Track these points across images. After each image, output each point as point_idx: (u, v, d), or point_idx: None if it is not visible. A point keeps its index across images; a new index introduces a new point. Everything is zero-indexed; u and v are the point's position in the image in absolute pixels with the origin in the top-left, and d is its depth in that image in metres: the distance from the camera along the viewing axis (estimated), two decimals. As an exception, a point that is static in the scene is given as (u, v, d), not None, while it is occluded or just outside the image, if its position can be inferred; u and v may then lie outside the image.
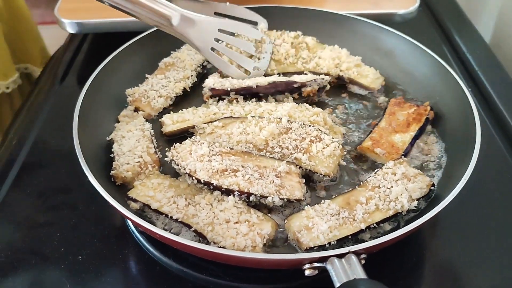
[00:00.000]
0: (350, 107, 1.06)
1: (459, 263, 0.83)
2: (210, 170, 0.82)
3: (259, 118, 0.92)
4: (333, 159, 0.86)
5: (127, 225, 0.89)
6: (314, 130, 0.89)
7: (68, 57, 1.32)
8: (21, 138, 1.07)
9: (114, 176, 0.86)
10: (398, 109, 0.98)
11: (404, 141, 0.91)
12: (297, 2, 1.26)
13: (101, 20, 1.23)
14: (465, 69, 1.27)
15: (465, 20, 1.46)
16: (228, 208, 0.78)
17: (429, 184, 0.82)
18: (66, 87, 1.23)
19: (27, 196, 0.95)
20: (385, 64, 1.14)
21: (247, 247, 0.73)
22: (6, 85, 1.39)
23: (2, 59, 1.37)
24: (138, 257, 0.84)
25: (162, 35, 1.12)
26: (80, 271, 0.81)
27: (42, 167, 1.01)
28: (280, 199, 0.79)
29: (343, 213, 0.78)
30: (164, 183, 0.84)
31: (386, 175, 0.83)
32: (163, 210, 0.79)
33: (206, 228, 0.76)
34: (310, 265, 0.67)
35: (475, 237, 0.86)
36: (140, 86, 1.07)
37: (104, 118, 0.99)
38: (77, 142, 0.84)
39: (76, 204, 0.92)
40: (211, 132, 0.92)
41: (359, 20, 1.19)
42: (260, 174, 0.82)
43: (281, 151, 0.87)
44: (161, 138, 0.99)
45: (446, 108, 0.98)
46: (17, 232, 0.88)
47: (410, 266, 0.83)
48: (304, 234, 0.76)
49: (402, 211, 0.78)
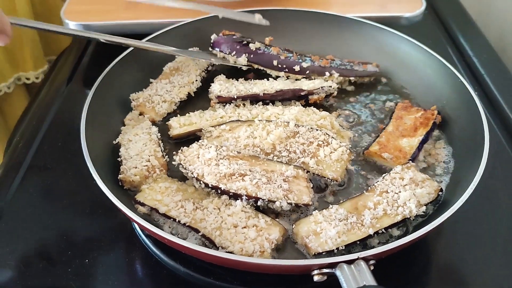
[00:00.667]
0: (357, 110, 1.06)
1: (466, 268, 0.83)
2: (218, 174, 0.81)
3: (266, 121, 0.92)
4: (340, 163, 0.86)
5: (133, 228, 0.88)
6: (322, 134, 0.89)
7: (74, 59, 1.32)
8: (27, 140, 1.07)
9: (122, 180, 0.86)
10: (405, 113, 0.98)
11: (412, 145, 0.91)
12: (303, 5, 1.26)
13: (107, 22, 1.23)
14: (470, 72, 1.26)
15: (471, 23, 1.46)
16: (236, 213, 0.78)
17: (437, 189, 0.82)
18: (72, 89, 1.23)
19: (33, 199, 0.94)
20: (391, 67, 1.14)
21: (256, 252, 0.73)
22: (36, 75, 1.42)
23: (34, 50, 1.38)
24: (145, 260, 0.84)
25: (168, 39, 1.13)
26: (87, 274, 0.81)
27: (48, 169, 1.01)
28: (288, 204, 0.79)
29: (351, 218, 0.78)
30: (172, 187, 0.84)
31: (394, 180, 0.83)
32: (171, 214, 0.79)
33: (214, 233, 0.76)
34: (319, 271, 0.67)
35: (483, 242, 0.86)
36: (145, 91, 1.07)
37: (110, 121, 0.99)
38: (84, 145, 0.84)
39: (82, 207, 0.92)
40: (218, 136, 0.92)
41: (364, 23, 1.18)
42: (267, 178, 0.82)
43: (288, 155, 0.87)
44: (168, 142, 0.99)
45: (454, 112, 0.98)
46: (24, 235, 0.88)
47: (417, 271, 0.83)
48: (312, 239, 0.75)
49: (410, 217, 0.78)
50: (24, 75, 1.40)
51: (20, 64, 1.38)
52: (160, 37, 1.12)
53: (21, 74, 1.39)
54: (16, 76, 1.39)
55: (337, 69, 1.11)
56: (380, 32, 1.17)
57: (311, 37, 1.21)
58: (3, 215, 0.91)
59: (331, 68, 1.11)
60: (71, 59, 1.33)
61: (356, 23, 1.19)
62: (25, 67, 1.38)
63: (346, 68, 1.11)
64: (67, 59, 1.33)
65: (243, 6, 1.21)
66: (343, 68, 1.11)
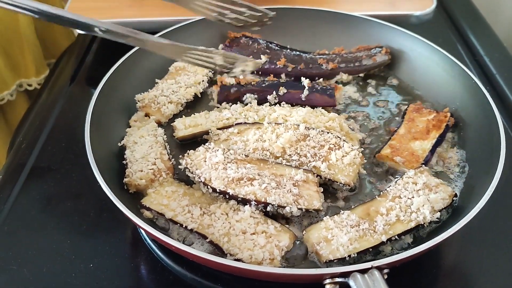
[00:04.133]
0: (366, 112, 1.03)
1: (479, 275, 0.81)
2: (226, 178, 0.79)
3: (275, 124, 0.89)
4: (353, 167, 0.84)
5: (139, 232, 0.87)
6: (333, 137, 0.87)
7: (77, 58, 1.30)
8: (30, 141, 1.05)
9: (128, 184, 0.85)
10: (417, 115, 0.95)
11: (424, 149, 0.89)
12: (311, 4, 1.23)
13: (111, 20, 1.20)
14: (482, 71, 1.24)
15: (482, 21, 1.43)
16: (245, 219, 0.76)
17: (451, 194, 0.80)
18: (75, 88, 1.21)
19: (36, 202, 0.93)
20: (401, 67, 1.12)
21: (265, 260, 0.71)
22: (38, 82, 1.39)
23: (35, 56, 1.36)
24: (150, 265, 0.82)
25: (173, 38, 1.10)
26: (91, 279, 0.80)
27: (52, 171, 0.99)
28: (298, 209, 0.77)
29: (363, 224, 0.76)
30: (179, 191, 0.82)
31: (407, 184, 0.81)
32: (178, 219, 0.77)
33: (222, 239, 0.74)
34: (331, 280, 0.65)
35: (498, 248, 0.84)
36: (150, 92, 1.04)
37: (115, 123, 0.97)
38: (89, 149, 0.81)
39: (86, 210, 0.90)
40: (226, 139, 0.90)
41: (373, 21, 1.16)
42: (277, 183, 0.80)
43: (299, 159, 0.85)
44: (173, 144, 0.97)
45: (467, 114, 0.96)
46: (26, 238, 0.86)
47: (429, 278, 0.81)
48: (323, 246, 0.73)
49: (424, 223, 0.76)
50: (26, 82, 1.37)
51: (21, 70, 1.35)
52: (165, 36, 1.10)
53: (23, 80, 1.37)
54: (18, 83, 1.36)
55: (346, 69, 1.09)
56: (389, 30, 1.14)
57: (319, 36, 1.19)
58: (6, 218, 0.89)
59: (340, 69, 1.09)
60: (74, 57, 1.31)
61: (365, 21, 1.17)
62: (27, 73, 1.36)
63: (355, 65, 1.09)
64: (70, 58, 1.32)
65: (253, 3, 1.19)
66: (352, 67, 1.09)
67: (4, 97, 1.31)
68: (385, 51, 1.11)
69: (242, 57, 0.89)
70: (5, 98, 1.32)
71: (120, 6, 1.26)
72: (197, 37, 1.14)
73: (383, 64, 1.11)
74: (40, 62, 1.39)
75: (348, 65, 1.09)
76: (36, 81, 1.39)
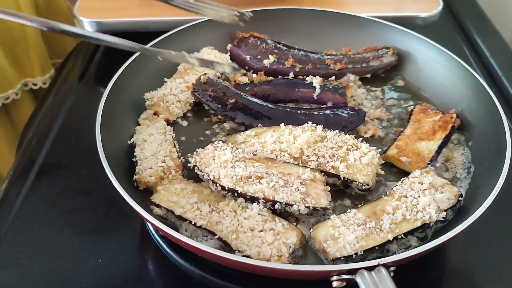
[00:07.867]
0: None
1: (484, 275, 0.82)
2: (234, 176, 0.80)
3: (292, 126, 0.91)
4: (371, 167, 0.85)
5: (147, 228, 0.88)
6: (351, 138, 0.89)
7: (86, 56, 1.31)
8: (40, 139, 1.06)
9: (137, 181, 0.86)
10: (423, 116, 0.96)
11: (430, 149, 0.90)
12: (317, 5, 1.24)
13: (120, 19, 1.22)
14: (488, 73, 1.25)
15: (488, 23, 1.43)
16: (253, 216, 0.77)
17: (457, 194, 0.81)
18: (84, 86, 1.22)
19: (46, 198, 0.94)
20: (407, 68, 1.13)
21: (273, 257, 0.72)
22: (43, 81, 1.39)
23: (40, 55, 1.36)
24: (158, 262, 0.83)
25: (183, 38, 1.11)
26: (100, 274, 0.81)
27: (62, 167, 1.00)
28: (306, 208, 0.78)
29: (370, 223, 0.77)
30: (188, 188, 0.83)
31: (413, 184, 0.82)
32: (187, 216, 0.78)
33: (230, 236, 0.75)
34: (338, 277, 0.66)
35: (503, 248, 0.84)
36: (159, 90, 1.05)
37: (124, 121, 0.98)
38: (100, 145, 0.83)
39: (96, 206, 0.91)
40: (244, 141, 0.91)
41: (380, 22, 1.17)
42: (284, 181, 0.81)
43: (317, 160, 0.86)
44: (182, 142, 0.98)
45: (473, 116, 0.96)
46: (36, 234, 0.87)
47: (435, 276, 0.81)
48: (330, 244, 0.74)
49: (430, 222, 0.77)
50: (31, 81, 1.37)
51: (26, 69, 1.35)
52: (174, 35, 1.11)
53: (28, 79, 1.37)
54: (23, 82, 1.36)
55: (353, 70, 1.10)
56: (395, 32, 1.15)
57: (327, 36, 1.20)
58: (17, 213, 0.90)
59: (347, 70, 1.10)
60: (82, 56, 1.32)
61: (372, 22, 1.18)
62: (32, 73, 1.36)
63: (362, 67, 1.10)
64: (78, 56, 1.33)
65: (259, 5, 1.20)
66: (359, 67, 1.10)
67: (9, 96, 1.32)
68: (392, 52, 1.12)
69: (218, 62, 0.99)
70: (10, 97, 1.32)
71: (129, 6, 1.27)
72: (205, 37, 1.16)
73: (390, 65, 1.12)
74: (45, 61, 1.39)
75: (355, 65, 1.10)
76: (41, 80, 1.39)
